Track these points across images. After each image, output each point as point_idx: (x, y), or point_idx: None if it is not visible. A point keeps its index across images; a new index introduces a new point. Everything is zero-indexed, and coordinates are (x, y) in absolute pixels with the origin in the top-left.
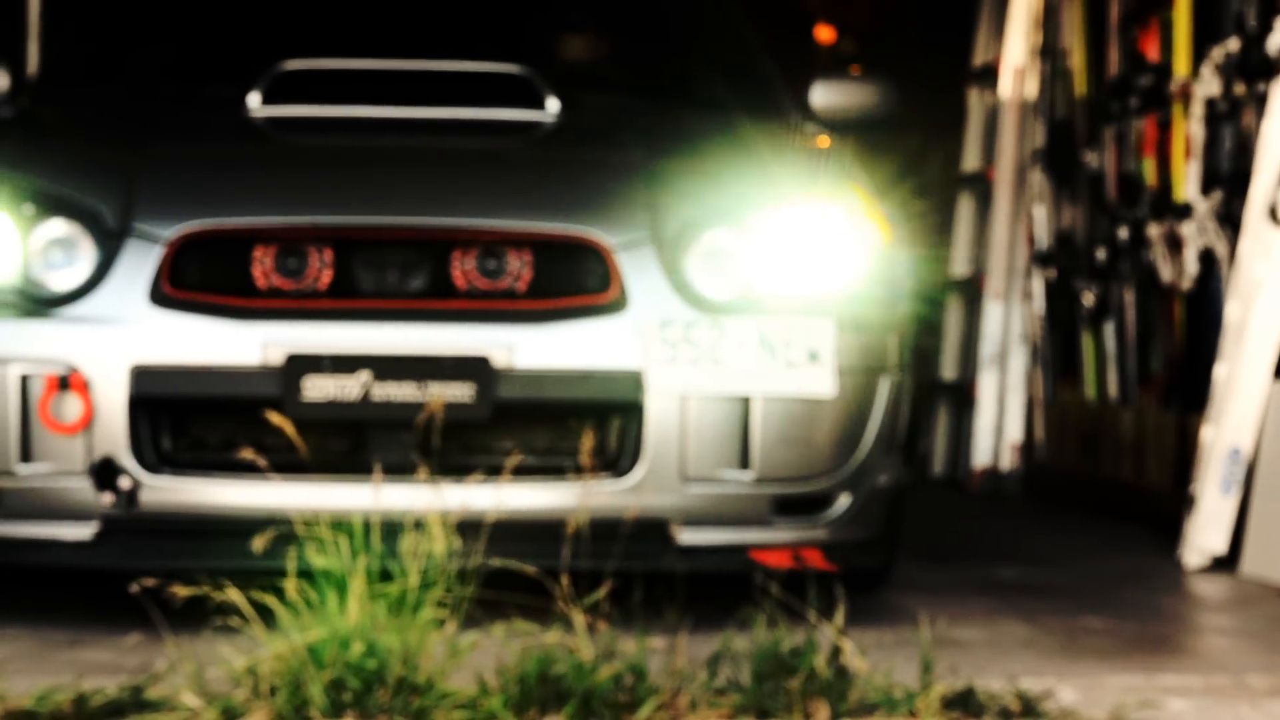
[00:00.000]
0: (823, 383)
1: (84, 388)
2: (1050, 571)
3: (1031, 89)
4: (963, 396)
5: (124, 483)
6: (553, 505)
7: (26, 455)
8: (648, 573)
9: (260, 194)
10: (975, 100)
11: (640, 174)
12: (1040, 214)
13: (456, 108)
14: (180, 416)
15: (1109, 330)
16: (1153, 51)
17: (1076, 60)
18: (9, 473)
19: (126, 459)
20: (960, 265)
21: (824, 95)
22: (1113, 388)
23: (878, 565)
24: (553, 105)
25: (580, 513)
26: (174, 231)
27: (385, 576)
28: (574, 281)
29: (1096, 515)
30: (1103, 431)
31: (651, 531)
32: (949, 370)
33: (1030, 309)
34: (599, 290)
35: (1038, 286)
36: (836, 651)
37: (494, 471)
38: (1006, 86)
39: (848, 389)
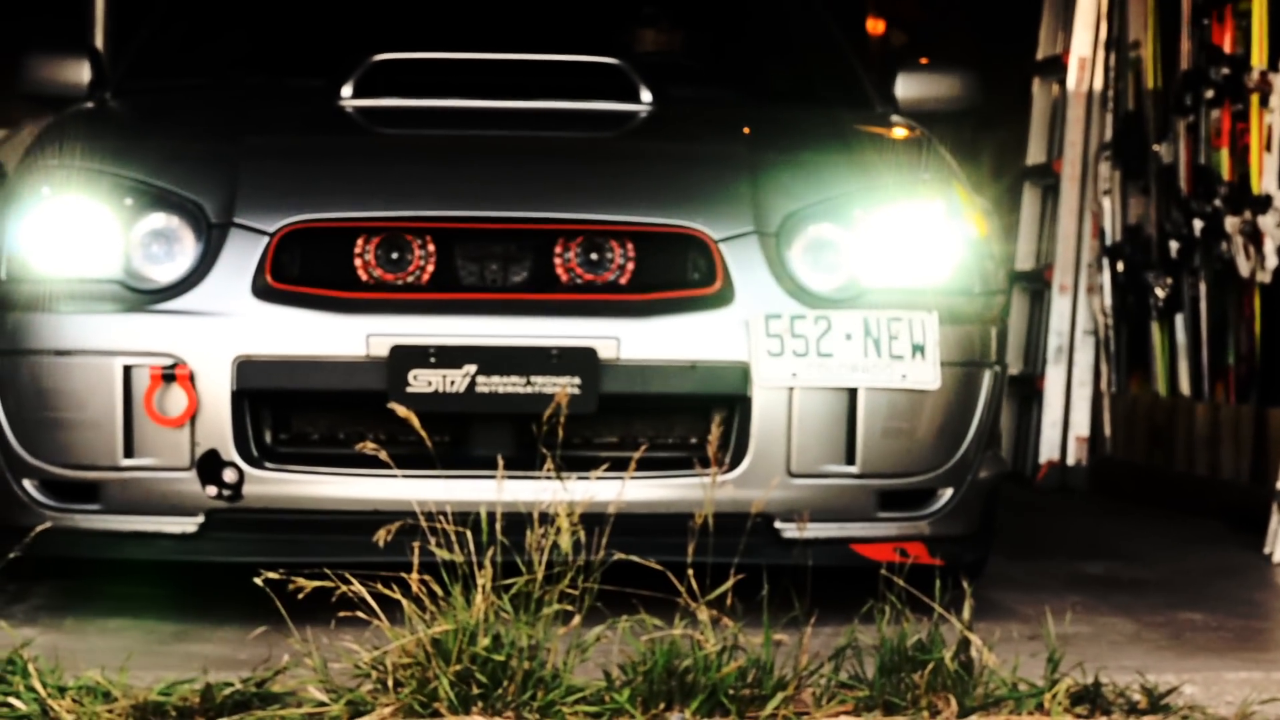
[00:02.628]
0: (928, 376)
1: (189, 380)
2: (1137, 567)
3: (1098, 81)
4: (1027, 390)
5: (228, 476)
6: (661, 498)
7: (130, 449)
8: (752, 567)
9: (361, 187)
10: (1039, 93)
11: (742, 166)
12: (1108, 207)
13: (549, 100)
14: (281, 409)
15: (1181, 323)
16: (1227, 43)
17: (1146, 52)
18: (113, 466)
19: (231, 452)
20: (1024, 259)
21: (907, 86)
22: (1184, 381)
23: (975, 559)
24: (646, 97)
25: (705, 506)
26: (278, 224)
27: (505, 571)
28: (677, 274)
29: (1168, 510)
30: (1175, 425)
31: (756, 525)
32: (1013, 364)
33: (1096, 302)
34: (703, 283)
35: (1106, 279)
36: (962, 646)
37: (597, 465)
38: (1072, 79)
39: (950, 382)
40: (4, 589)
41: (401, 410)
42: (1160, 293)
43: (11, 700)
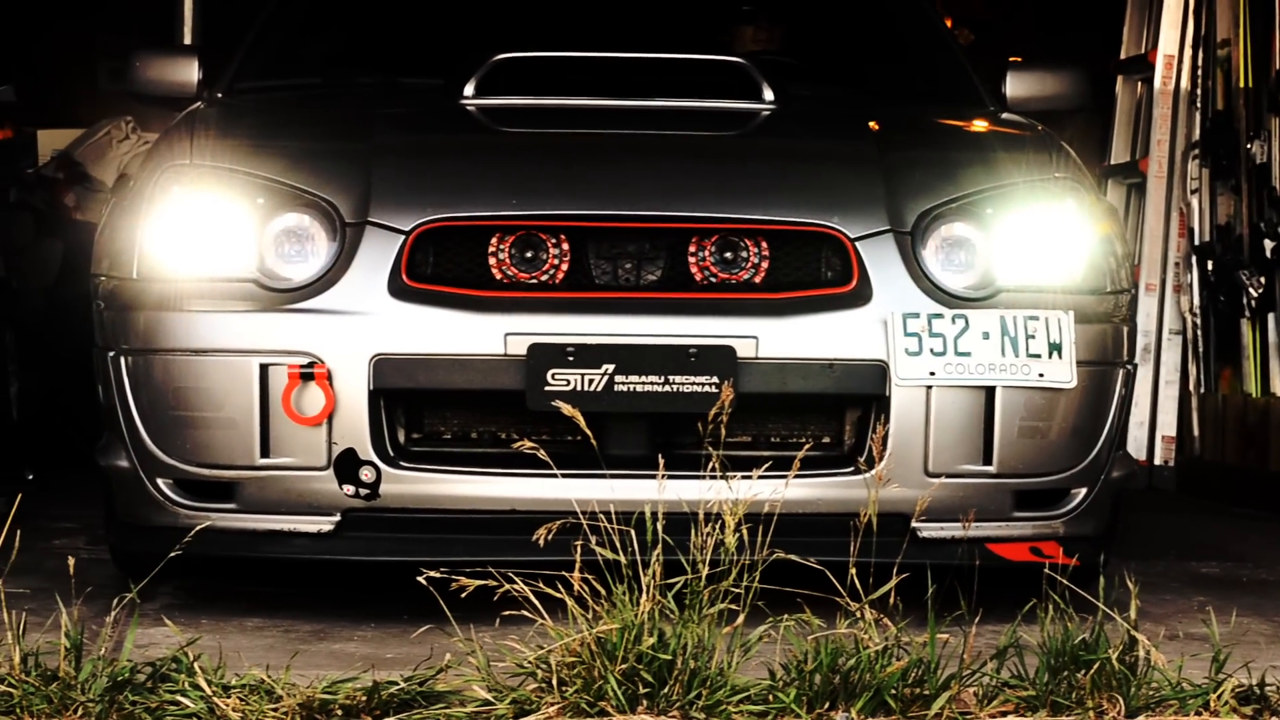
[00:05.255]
0: (1065, 375)
1: (326, 379)
2: (1251, 567)
3: (1185, 80)
4: None
5: (366, 475)
6: (801, 498)
7: (266, 448)
8: (888, 565)
9: (495, 186)
10: (1123, 91)
11: (875, 165)
12: (1196, 205)
13: (669, 98)
14: (414, 408)
15: (1274, 322)
16: None
17: (1237, 51)
18: (250, 466)
19: (368, 451)
20: None
21: (1016, 85)
22: (1277, 381)
23: (1103, 559)
24: (768, 96)
25: (869, 505)
26: (413, 223)
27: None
28: (811, 272)
29: (1261, 511)
30: (1268, 425)
31: (893, 524)
32: None
33: (1184, 301)
34: (837, 282)
35: (1194, 278)
36: (1129, 645)
37: (732, 464)
38: (1159, 77)
39: (1084, 381)
40: (128, 588)
41: (567, 409)
42: (1254, 291)
43: (179, 698)
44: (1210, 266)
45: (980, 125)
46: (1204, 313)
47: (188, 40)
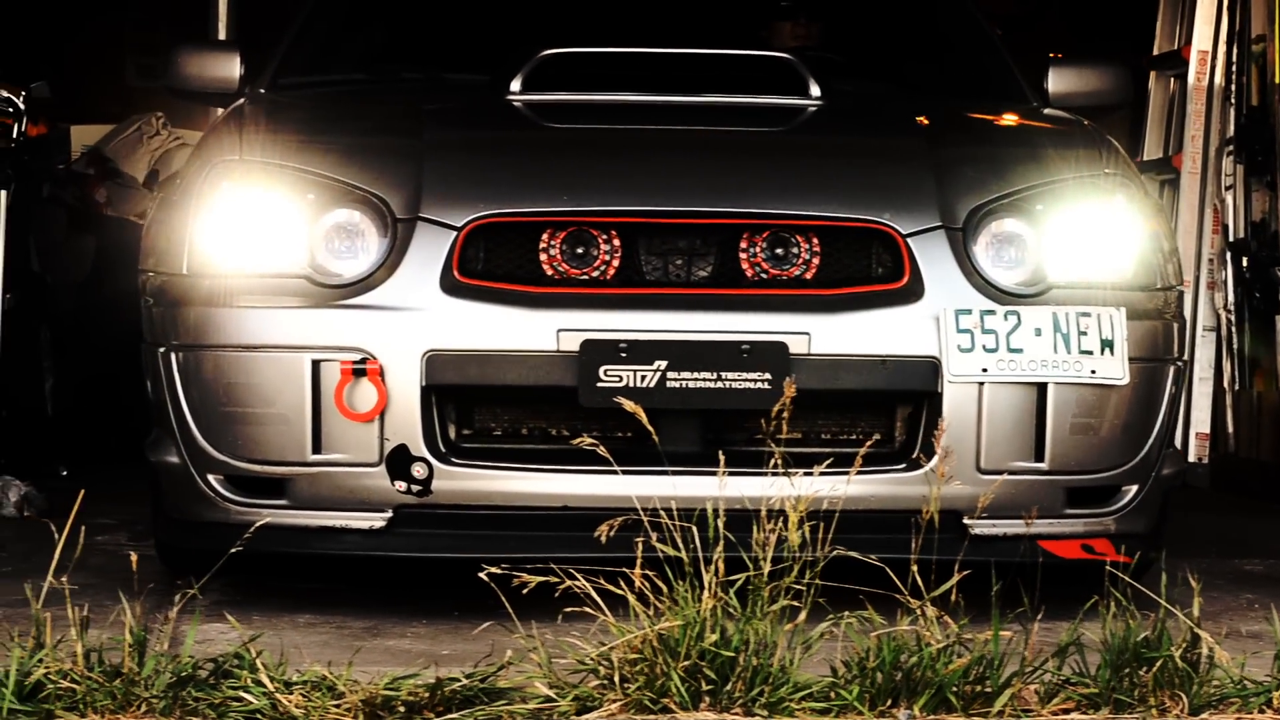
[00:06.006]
0: (1117, 371)
1: (379, 375)
2: None
3: (1219, 76)
4: None
5: (418, 471)
6: (858, 494)
7: (318, 444)
8: (941, 563)
9: (546, 181)
10: (1156, 87)
11: (925, 160)
12: (1230, 202)
13: (716, 94)
14: (466, 404)
15: None
16: None
17: (1273, 47)
18: (301, 462)
19: (420, 447)
20: None
21: (1059, 80)
22: None
23: (1154, 556)
24: (815, 91)
25: (931, 502)
26: (465, 219)
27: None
28: (863, 268)
29: None
30: None
31: (946, 521)
32: None
33: (1218, 298)
34: (888, 278)
35: (1229, 275)
36: (1191, 642)
37: (789, 460)
38: (1193, 74)
39: (1136, 378)
40: (176, 585)
41: (629, 405)
42: None
43: (242, 694)
44: (1245, 263)
45: (1028, 121)
46: (1238, 309)
47: (222, 36)
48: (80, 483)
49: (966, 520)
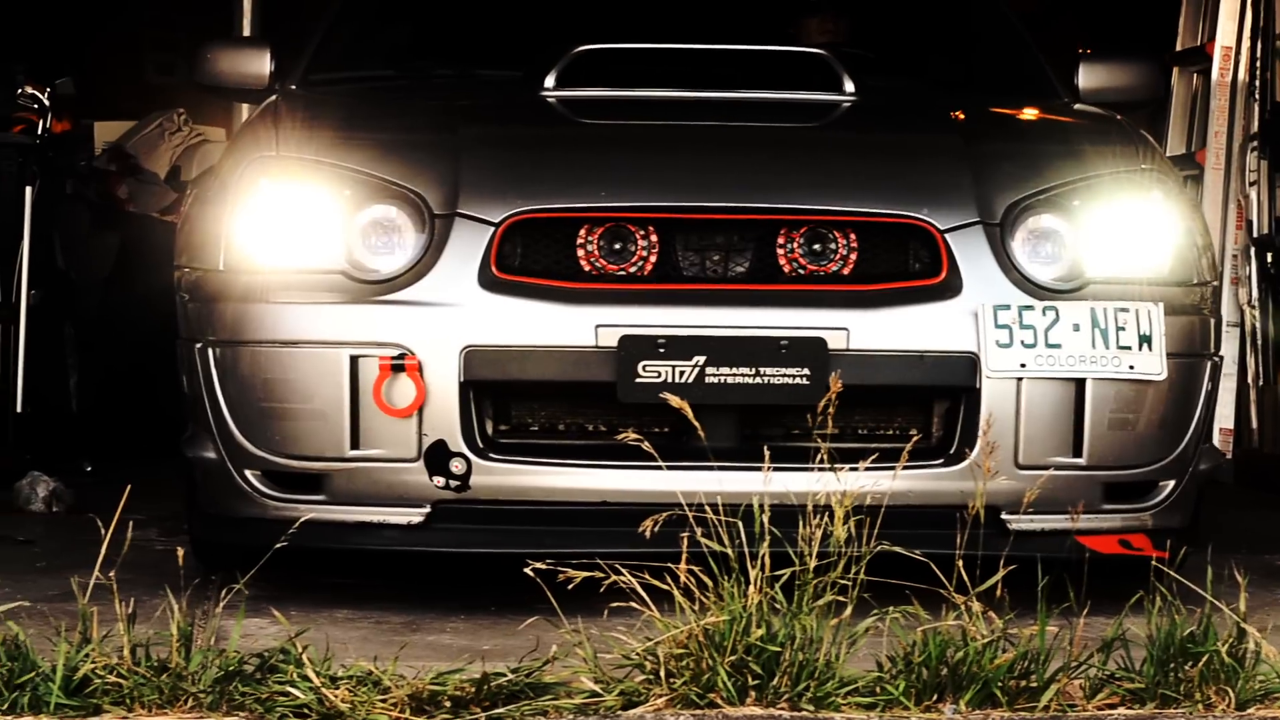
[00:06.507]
0: (1155, 367)
1: (417, 371)
2: None
3: (1243, 72)
4: None
5: (456, 466)
6: (898, 489)
7: (356, 440)
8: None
9: (583, 177)
10: (1179, 83)
11: (962, 156)
12: (1254, 197)
13: (750, 90)
14: (503, 399)
15: None
16: None
17: None
18: (339, 457)
19: (459, 442)
20: None
21: (1089, 76)
22: None
23: (1190, 551)
24: (849, 87)
25: (977, 497)
26: (503, 215)
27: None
28: (900, 264)
29: None
30: None
31: (985, 516)
32: None
33: (1242, 294)
34: (925, 273)
35: (1253, 271)
36: (1238, 637)
37: (818, 456)
38: (1216, 69)
39: (1173, 373)
40: (210, 580)
41: (675, 400)
42: None
43: (289, 689)
44: (1269, 259)
45: (1063, 117)
46: (1262, 305)
47: (247, 32)
48: (105, 478)
49: (1005, 515)
